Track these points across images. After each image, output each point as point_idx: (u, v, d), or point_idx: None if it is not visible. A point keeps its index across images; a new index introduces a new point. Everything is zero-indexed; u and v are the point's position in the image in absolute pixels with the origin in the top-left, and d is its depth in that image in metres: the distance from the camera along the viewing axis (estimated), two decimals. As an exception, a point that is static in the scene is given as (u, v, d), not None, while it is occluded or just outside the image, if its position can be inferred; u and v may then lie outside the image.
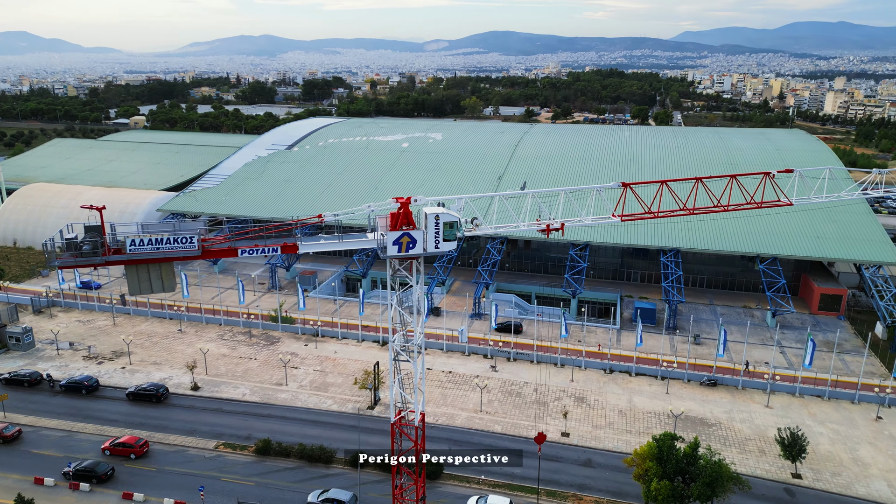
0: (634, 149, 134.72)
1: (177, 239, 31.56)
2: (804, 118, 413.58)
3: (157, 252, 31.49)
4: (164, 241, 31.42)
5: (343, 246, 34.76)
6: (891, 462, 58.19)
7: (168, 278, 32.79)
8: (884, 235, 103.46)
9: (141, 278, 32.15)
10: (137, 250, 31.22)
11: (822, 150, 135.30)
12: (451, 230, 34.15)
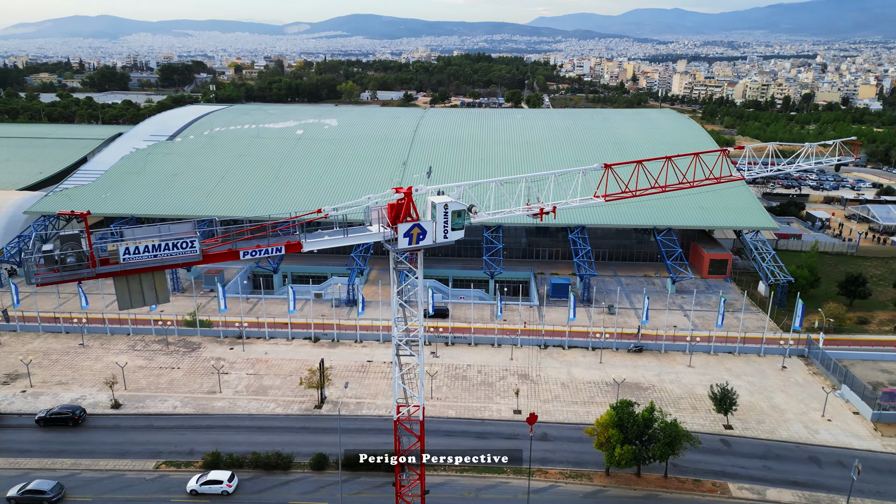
0: (531, 131, 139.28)
1: (176, 244, 28.48)
2: (656, 99, 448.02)
3: (154, 260, 28.26)
4: (162, 248, 28.23)
5: (347, 241, 33.15)
6: (802, 406, 65.72)
7: (163, 288, 29.54)
8: (758, 204, 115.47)
9: (132, 290, 28.69)
10: (133, 259, 27.81)
11: (694, 127, 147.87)
12: (459, 219, 33.73)
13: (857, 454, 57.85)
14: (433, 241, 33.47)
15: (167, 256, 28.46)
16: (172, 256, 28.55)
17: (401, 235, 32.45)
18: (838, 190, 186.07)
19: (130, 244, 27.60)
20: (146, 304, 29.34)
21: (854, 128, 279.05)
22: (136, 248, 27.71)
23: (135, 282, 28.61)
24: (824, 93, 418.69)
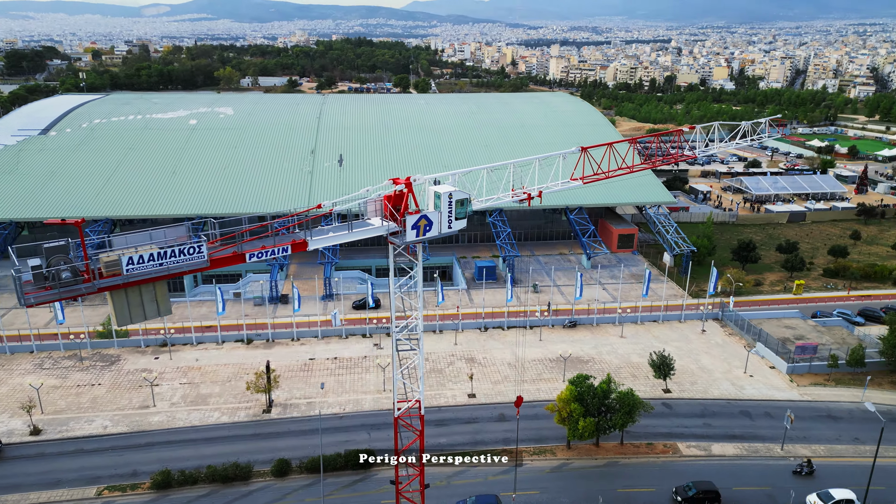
0: (437, 117, 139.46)
1: (183, 250, 25.82)
2: (535, 82, 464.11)
3: (159, 269, 25.46)
4: (167, 255, 25.47)
5: (352, 237, 31.62)
6: (726, 365, 71.57)
7: (164, 299, 26.71)
8: (656, 180, 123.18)
9: (132, 304, 25.68)
10: (137, 269, 24.88)
11: (591, 109, 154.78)
12: (462, 208, 33.25)
13: (780, 405, 64.06)
14: (439, 232, 32.86)
15: (173, 264, 25.84)
16: (179, 264, 25.95)
17: (409, 227, 31.52)
18: (711, 164, 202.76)
19: (133, 253, 24.72)
20: (147, 317, 26.49)
21: (715, 107, 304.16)
22: (139, 257, 24.89)
23: (135, 294, 25.74)
24: (684, 74, 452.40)
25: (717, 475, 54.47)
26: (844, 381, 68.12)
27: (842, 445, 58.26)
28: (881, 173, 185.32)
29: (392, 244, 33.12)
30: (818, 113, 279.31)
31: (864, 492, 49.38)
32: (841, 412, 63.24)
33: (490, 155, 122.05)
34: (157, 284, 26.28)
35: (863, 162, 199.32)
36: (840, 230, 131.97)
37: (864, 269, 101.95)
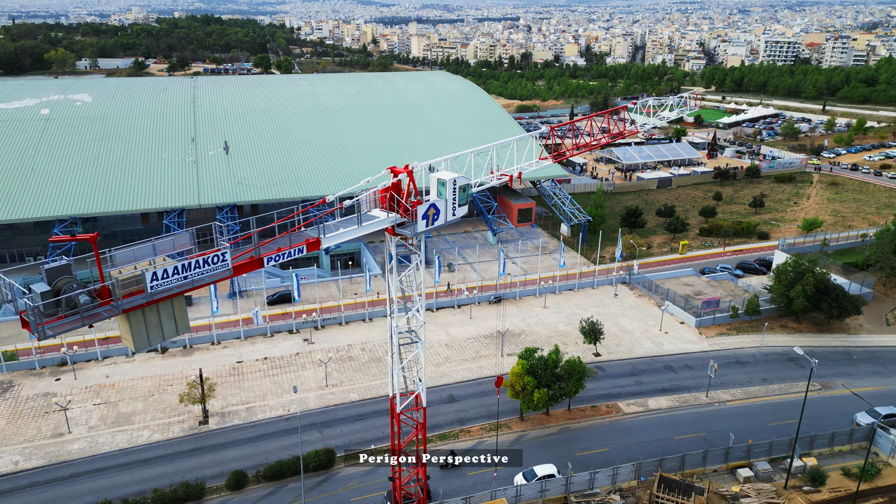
0: (323, 98, 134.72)
1: (207, 260, 23.02)
2: (399, 61, 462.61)
3: (183, 283, 22.51)
4: (192, 267, 22.58)
5: (362, 231, 29.95)
6: (643, 325, 76.89)
7: (183, 316, 23.69)
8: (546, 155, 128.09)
9: (151, 324, 22.51)
10: (161, 286, 21.81)
11: (474, 88, 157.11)
12: (464, 193, 32.63)
13: (696, 356, 70.20)
14: (445, 220, 32.13)
15: (198, 276, 23.09)
16: (203, 276, 23.23)
17: (419, 217, 30.50)
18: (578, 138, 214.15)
19: (156, 268, 21.73)
20: (164, 337, 23.50)
21: (573, 82, 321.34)
22: (164, 271, 21.92)
23: (153, 313, 22.70)
24: (539, 52, 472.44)
25: (657, 427, 58.88)
26: (744, 329, 75.95)
27: (755, 387, 65.08)
28: (725, 139, 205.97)
29: (398, 236, 31.91)
30: (663, 86, 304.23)
31: (797, 425, 55.62)
32: (746, 357, 70.54)
33: (384, 136, 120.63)
34: (175, 300, 23.36)
35: (706, 130, 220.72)
36: (703, 192, 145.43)
37: (734, 227, 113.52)
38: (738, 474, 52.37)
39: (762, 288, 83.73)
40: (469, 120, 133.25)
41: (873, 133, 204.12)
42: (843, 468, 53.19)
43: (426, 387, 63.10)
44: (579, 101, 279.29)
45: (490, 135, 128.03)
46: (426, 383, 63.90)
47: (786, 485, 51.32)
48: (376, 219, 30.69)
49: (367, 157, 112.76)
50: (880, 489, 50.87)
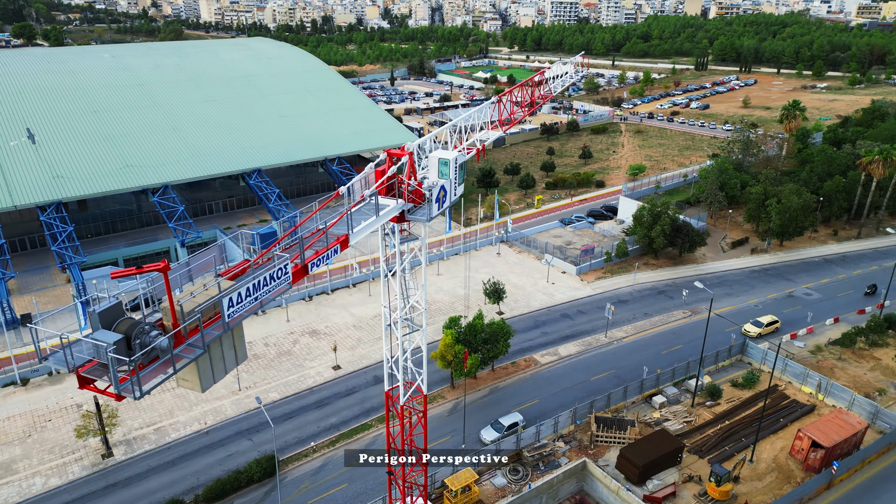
0: (137, 72, 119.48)
1: (273, 275, 19.76)
2: (189, 27, 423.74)
3: (254, 304, 19.11)
4: (261, 285, 19.24)
5: (380, 221, 27.62)
6: (531, 279, 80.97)
7: (242, 343, 20.16)
8: (396, 122, 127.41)
9: (215, 357, 18.88)
10: (237, 312, 18.30)
11: (302, 53, 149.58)
12: (462, 171, 31.42)
13: (584, 301, 75.96)
14: (450, 201, 30.88)
15: (265, 294, 19.96)
16: (270, 293, 20.13)
17: (433, 201, 29.00)
18: (404, 102, 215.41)
19: (233, 292, 18.34)
20: (227, 370, 20.04)
21: (385, 45, 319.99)
22: (238, 294, 18.56)
23: (216, 344, 19.26)
24: (341, 14, 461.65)
25: (573, 372, 63.26)
26: (616, 270, 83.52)
27: (640, 321, 72.30)
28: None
29: (408, 222, 30.11)
30: (472, 47, 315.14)
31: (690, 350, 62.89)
32: (625, 296, 77.89)
33: (223, 113, 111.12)
34: (235, 327, 20.01)
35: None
36: (534, 149, 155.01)
37: (574, 178, 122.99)
38: (654, 401, 58.38)
39: (621, 231, 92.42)
40: (311, 89, 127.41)
41: (658, 84, 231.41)
42: (730, 380, 61.72)
43: (350, 371, 61.27)
44: (396, 64, 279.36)
45: (337, 104, 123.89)
46: (353, 366, 62.07)
47: (693, 403, 58.34)
48: (387, 207, 28.67)
49: (208, 137, 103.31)
50: (761, 393, 59.94)
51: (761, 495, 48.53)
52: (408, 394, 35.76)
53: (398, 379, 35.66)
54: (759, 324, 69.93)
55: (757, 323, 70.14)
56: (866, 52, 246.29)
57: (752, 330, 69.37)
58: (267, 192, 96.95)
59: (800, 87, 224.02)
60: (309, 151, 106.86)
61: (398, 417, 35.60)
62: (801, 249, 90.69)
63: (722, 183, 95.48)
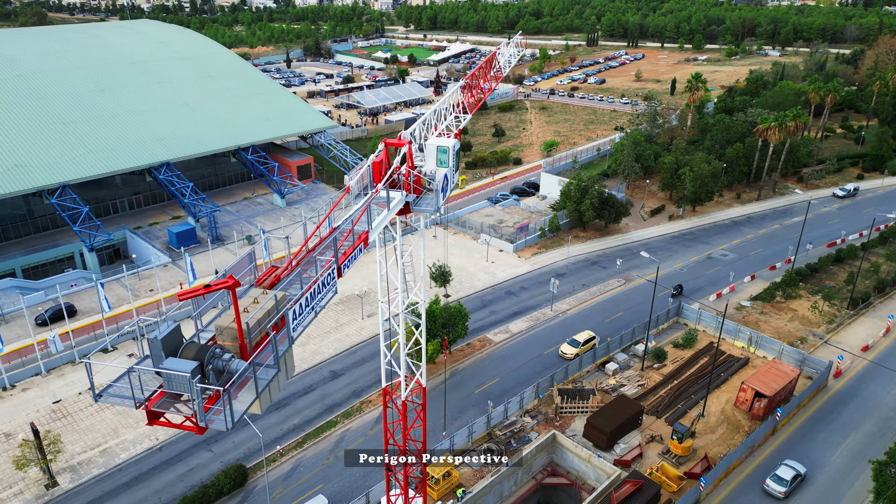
0: (14, 61, 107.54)
1: (325, 282, 18.31)
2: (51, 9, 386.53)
3: (311, 314, 17.64)
4: (317, 294, 17.77)
5: (391, 215, 26.31)
6: (471, 260, 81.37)
7: (291, 357, 18.56)
8: (309, 106, 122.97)
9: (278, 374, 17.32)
10: (300, 324, 16.81)
11: (196, 36, 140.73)
12: (457, 159, 30.59)
13: (525, 278, 77.43)
14: (450, 189, 30.09)
15: (320, 303, 18.60)
16: (324, 300, 18.79)
17: (439, 190, 28.14)
18: (305, 85, 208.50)
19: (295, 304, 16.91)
20: (280, 388, 18.57)
21: (276, 26, 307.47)
22: (300, 306, 17.14)
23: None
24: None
25: (527, 347, 64.54)
26: (550, 245, 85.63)
27: (580, 293, 74.70)
28: (442, 77, 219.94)
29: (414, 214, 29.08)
30: (368, 27, 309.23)
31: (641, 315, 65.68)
32: (562, 269, 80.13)
33: (118, 102, 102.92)
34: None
35: (417, 68, 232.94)
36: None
37: (492, 157, 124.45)
38: (607, 369, 60.77)
39: (548, 206, 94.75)
40: (213, 74, 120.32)
41: (555, 60, 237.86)
42: (672, 342, 65.30)
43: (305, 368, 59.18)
44: (290, 46, 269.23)
45: (243, 89, 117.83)
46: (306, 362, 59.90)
47: (642, 367, 61.27)
48: (394, 199, 27.54)
49: (105, 130, 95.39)
50: (700, 351, 63.91)
51: (717, 447, 51.97)
52: (409, 387, 34.97)
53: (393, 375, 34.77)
54: (575, 343, 62.88)
55: (573, 342, 62.95)
56: (739, 25, 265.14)
57: (569, 350, 62.26)
58: (180, 186, 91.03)
59: (683, 59, 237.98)
60: (220, 141, 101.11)
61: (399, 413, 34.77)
62: (712, 213, 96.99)
63: (637, 154, 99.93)
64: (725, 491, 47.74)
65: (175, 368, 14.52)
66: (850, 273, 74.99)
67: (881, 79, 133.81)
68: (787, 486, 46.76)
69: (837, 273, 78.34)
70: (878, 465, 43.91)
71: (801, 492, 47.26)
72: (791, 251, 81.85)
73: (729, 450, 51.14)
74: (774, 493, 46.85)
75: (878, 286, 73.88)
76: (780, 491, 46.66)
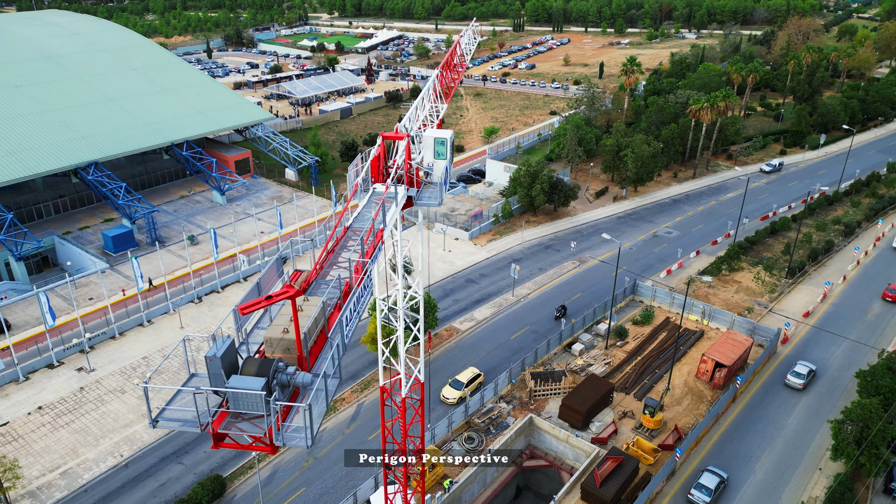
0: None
1: (366, 285, 17.55)
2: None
3: (357, 319, 16.85)
4: (360, 299, 16.96)
5: (398, 211, 25.52)
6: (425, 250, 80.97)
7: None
8: (244, 99, 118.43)
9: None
10: (351, 330, 15.99)
11: (111, 26, 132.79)
12: (452, 151, 30.00)
13: (482, 265, 77.79)
14: (448, 182, 29.57)
15: (362, 307, 17.88)
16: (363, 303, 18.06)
17: (442, 182, 27.61)
18: (230, 76, 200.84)
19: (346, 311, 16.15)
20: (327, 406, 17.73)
21: (192, 14, 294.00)
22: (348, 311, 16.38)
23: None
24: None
25: (493, 334, 64.99)
26: (504, 231, 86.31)
27: (538, 276, 75.76)
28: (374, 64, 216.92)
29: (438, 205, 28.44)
30: (290, 14, 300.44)
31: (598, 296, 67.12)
32: (518, 254, 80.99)
33: (34, 100, 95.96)
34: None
35: (345, 56, 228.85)
36: (383, 117, 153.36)
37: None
38: (573, 349, 62.03)
39: (498, 193, 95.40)
40: (136, 67, 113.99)
41: (484, 46, 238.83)
42: (631, 319, 67.31)
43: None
44: (209, 35, 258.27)
45: (171, 82, 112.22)
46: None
47: (606, 345, 62.91)
48: (400, 192, 26.82)
49: (20, 129, 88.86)
50: (658, 326, 66.22)
51: (684, 417, 54.11)
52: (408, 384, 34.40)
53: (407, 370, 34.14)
54: (458, 384, 55.49)
55: (456, 384, 55.58)
56: (656, 9, 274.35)
57: (452, 395, 54.71)
58: (112, 187, 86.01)
59: (607, 43, 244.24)
60: (151, 137, 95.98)
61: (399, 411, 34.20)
62: (653, 193, 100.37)
63: (580, 138, 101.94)
64: (697, 459, 49.82)
65: (244, 387, 13.58)
66: (787, 244, 79.39)
67: (795, 58, 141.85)
68: (711, 494, 44.84)
69: (773, 244, 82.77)
70: (836, 424, 46.89)
71: (762, 455, 49.85)
72: (730, 226, 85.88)
73: (696, 420, 53.37)
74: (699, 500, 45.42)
75: (812, 255, 78.60)
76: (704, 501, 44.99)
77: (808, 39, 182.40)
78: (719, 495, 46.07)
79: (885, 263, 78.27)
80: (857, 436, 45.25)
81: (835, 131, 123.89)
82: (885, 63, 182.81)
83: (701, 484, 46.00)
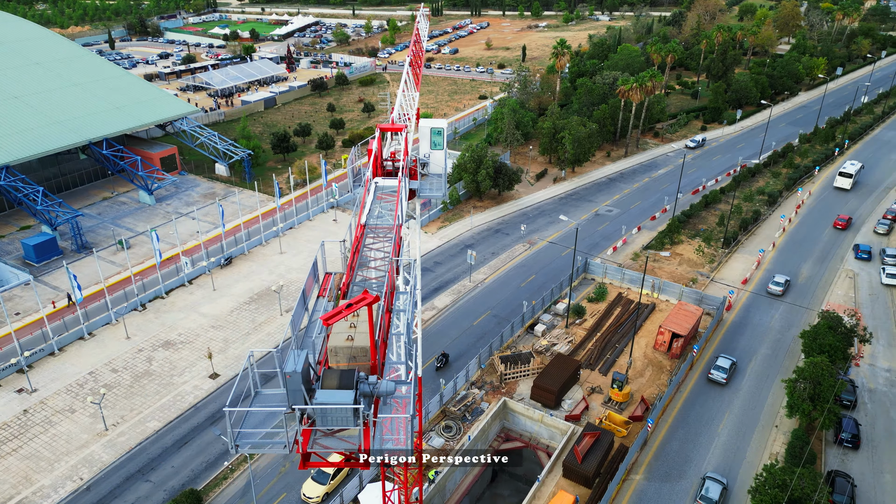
0: None
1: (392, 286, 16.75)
2: None
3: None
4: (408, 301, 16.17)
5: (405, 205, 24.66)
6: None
7: None
8: (164, 92, 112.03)
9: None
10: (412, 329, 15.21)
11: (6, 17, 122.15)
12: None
13: (437, 252, 77.49)
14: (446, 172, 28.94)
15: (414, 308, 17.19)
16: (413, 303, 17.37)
17: (443, 172, 27.00)
18: (138, 67, 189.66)
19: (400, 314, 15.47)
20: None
21: (88, 2, 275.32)
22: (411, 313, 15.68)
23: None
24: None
25: (456, 321, 65.05)
26: (452, 218, 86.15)
27: (492, 261, 76.28)
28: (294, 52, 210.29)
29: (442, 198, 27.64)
30: (198, 1, 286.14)
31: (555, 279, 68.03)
32: (470, 240, 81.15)
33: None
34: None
35: (264, 43, 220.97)
36: (310, 106, 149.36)
37: (369, 133, 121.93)
38: (536, 330, 62.98)
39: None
40: (40, 61, 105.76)
41: (405, 31, 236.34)
42: (586, 297, 68.99)
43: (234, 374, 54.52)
44: (109, 24, 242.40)
45: (82, 76, 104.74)
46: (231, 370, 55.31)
47: (566, 324, 64.26)
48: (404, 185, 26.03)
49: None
50: (613, 302, 68.23)
51: (649, 388, 56.17)
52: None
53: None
54: (323, 477, 43.90)
55: (321, 475, 43.97)
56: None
57: (314, 491, 43.57)
58: (28, 192, 79.62)
59: (525, 27, 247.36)
60: (66, 136, 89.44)
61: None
62: (589, 173, 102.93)
63: (517, 122, 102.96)
64: (665, 427, 51.87)
65: (335, 402, 12.74)
66: (720, 216, 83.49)
67: (707, 38, 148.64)
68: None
69: (707, 217, 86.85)
70: (790, 383, 49.97)
71: (722, 417, 52.53)
72: (666, 201, 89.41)
73: (660, 390, 55.51)
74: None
75: (742, 225, 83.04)
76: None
77: (715, 19, 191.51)
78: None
79: (808, 228, 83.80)
80: (811, 392, 48.39)
81: (748, 106, 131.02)
82: (784, 40, 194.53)
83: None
